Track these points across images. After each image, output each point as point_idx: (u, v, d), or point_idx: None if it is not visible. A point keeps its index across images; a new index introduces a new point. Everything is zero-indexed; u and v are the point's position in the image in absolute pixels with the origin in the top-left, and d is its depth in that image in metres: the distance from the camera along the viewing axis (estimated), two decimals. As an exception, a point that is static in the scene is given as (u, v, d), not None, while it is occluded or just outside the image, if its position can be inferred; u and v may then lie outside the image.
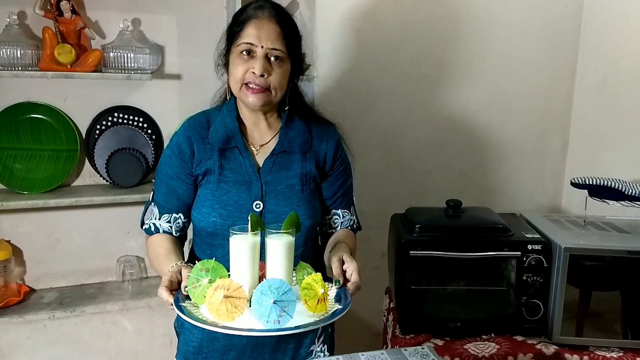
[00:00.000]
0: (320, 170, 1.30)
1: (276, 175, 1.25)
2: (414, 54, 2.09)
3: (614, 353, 1.51)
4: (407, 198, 2.13)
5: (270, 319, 0.98)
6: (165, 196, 1.27)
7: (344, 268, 1.14)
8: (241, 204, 1.22)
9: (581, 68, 2.26)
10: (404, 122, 2.13)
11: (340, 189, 1.35)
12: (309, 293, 1.03)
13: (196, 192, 1.26)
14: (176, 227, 1.28)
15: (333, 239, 1.34)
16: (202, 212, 1.24)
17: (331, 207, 1.36)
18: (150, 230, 1.28)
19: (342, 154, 1.35)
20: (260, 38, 1.17)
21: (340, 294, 1.11)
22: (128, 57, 1.80)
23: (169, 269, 1.12)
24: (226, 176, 1.23)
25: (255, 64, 1.17)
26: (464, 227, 1.60)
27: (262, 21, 1.19)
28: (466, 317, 1.59)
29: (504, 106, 2.25)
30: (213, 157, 1.23)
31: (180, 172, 1.25)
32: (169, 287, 1.08)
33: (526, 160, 2.32)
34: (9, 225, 1.87)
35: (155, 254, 1.25)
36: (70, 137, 1.87)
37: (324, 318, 1.04)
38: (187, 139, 1.25)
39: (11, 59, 1.70)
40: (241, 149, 1.25)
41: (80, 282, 1.98)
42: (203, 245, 1.29)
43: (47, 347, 1.77)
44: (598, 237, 1.59)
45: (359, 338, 2.17)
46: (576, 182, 1.68)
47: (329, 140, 1.31)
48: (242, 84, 1.20)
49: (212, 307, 1.00)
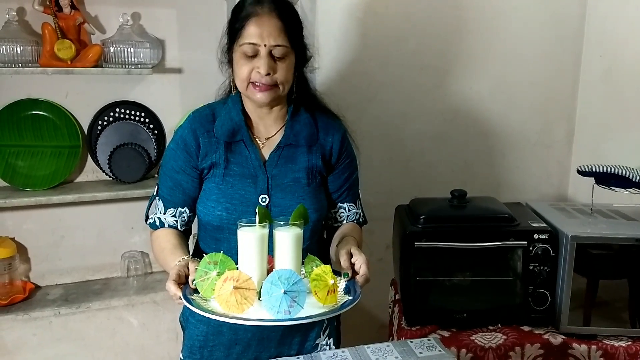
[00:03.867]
0: (326, 164, 1.29)
1: (282, 169, 1.24)
2: (416, 45, 2.07)
3: (622, 342, 1.50)
4: (411, 190, 2.11)
5: (281, 309, 0.98)
6: (171, 190, 1.26)
7: (353, 261, 1.14)
8: (247, 198, 1.21)
9: (586, 57, 2.23)
10: (407, 114, 2.11)
11: (346, 182, 1.34)
12: (319, 284, 1.02)
13: (201, 186, 1.26)
14: (181, 221, 1.27)
15: (339, 232, 1.33)
16: (207, 206, 1.23)
17: (337, 201, 1.35)
18: (155, 224, 1.28)
19: (348, 147, 1.34)
20: (263, 37, 1.16)
21: (349, 286, 1.10)
22: (128, 52, 1.79)
23: (176, 263, 1.12)
24: (232, 170, 1.23)
25: (260, 63, 1.16)
26: (469, 217, 1.58)
27: (263, 18, 1.17)
28: (472, 308, 1.58)
29: (509, 96, 2.23)
30: (219, 151, 1.23)
31: (186, 165, 1.24)
32: (177, 280, 1.07)
33: (531, 150, 2.30)
34: (13, 222, 1.87)
35: (161, 249, 1.25)
36: (72, 133, 1.87)
37: (335, 309, 1.03)
38: (193, 132, 1.24)
39: (11, 55, 1.70)
40: (247, 143, 1.24)
41: (85, 278, 1.98)
42: (208, 239, 1.28)
43: (53, 344, 1.78)
44: (605, 225, 1.57)
45: (365, 330, 2.16)
46: (582, 169, 1.66)
47: (335, 133, 1.31)
48: (248, 82, 1.19)
49: (221, 298, 0.99)
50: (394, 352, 1.21)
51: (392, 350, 1.21)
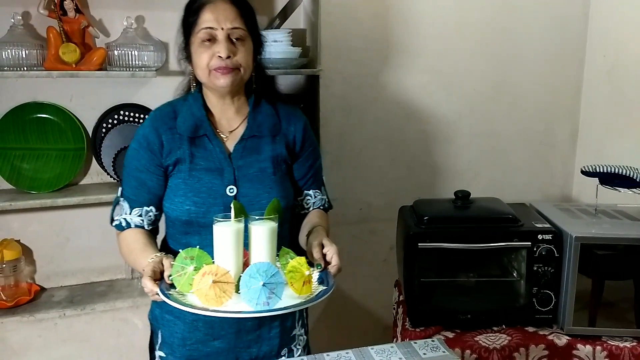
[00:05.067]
0: (290, 152, 1.31)
1: (247, 160, 1.26)
2: (418, 46, 2.07)
3: (627, 342, 1.50)
4: (414, 191, 2.11)
5: (260, 301, 1.00)
6: (135, 190, 1.26)
7: (324, 252, 1.16)
8: (214, 190, 1.22)
9: (589, 57, 2.23)
10: (410, 115, 2.11)
11: (311, 169, 1.36)
12: (295, 275, 1.05)
13: (166, 184, 1.26)
14: (148, 220, 1.28)
15: (307, 221, 1.34)
16: (175, 202, 1.24)
17: (303, 188, 1.37)
18: (121, 225, 1.27)
19: (310, 135, 1.36)
20: (219, 20, 1.18)
21: (322, 277, 1.13)
22: (132, 55, 1.79)
23: (150, 260, 1.12)
24: (197, 164, 1.24)
25: (219, 47, 1.18)
26: (473, 218, 1.58)
27: (216, 4, 1.19)
28: (476, 309, 1.58)
29: (512, 97, 2.22)
30: (183, 147, 1.24)
31: (150, 164, 1.25)
32: (152, 277, 1.08)
33: (535, 150, 2.30)
34: (18, 225, 1.88)
35: (130, 250, 1.25)
36: (77, 136, 1.87)
37: (311, 298, 1.06)
38: (155, 130, 1.25)
39: (16, 59, 1.70)
40: (210, 137, 1.25)
41: (90, 280, 1.99)
42: (177, 235, 1.28)
43: (58, 345, 1.78)
44: (610, 225, 1.57)
45: (369, 332, 2.17)
46: (587, 170, 1.66)
47: (297, 122, 1.33)
48: (209, 70, 1.20)
49: (200, 292, 1.01)
50: (398, 353, 1.21)
51: (395, 352, 1.22)
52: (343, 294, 2.18)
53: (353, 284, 2.17)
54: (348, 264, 2.16)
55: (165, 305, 1.26)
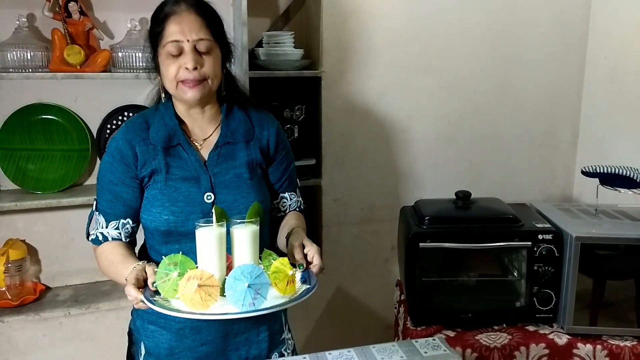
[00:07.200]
0: (265, 156, 1.32)
1: (223, 166, 1.26)
2: (420, 47, 2.08)
3: (627, 342, 1.51)
4: (416, 191, 2.13)
5: (246, 302, 1.01)
6: (111, 203, 1.25)
7: (305, 252, 1.16)
8: (192, 198, 1.22)
9: (591, 58, 2.24)
10: (412, 116, 2.13)
11: (285, 172, 1.37)
12: (279, 276, 1.06)
13: (142, 195, 1.25)
14: (125, 233, 1.26)
15: (285, 222, 1.35)
16: (152, 213, 1.23)
17: (279, 191, 1.37)
18: (98, 240, 1.26)
19: (284, 139, 1.37)
20: (184, 32, 1.17)
21: (305, 276, 1.14)
22: (136, 57, 1.81)
23: (132, 269, 1.11)
24: (173, 174, 1.23)
25: (186, 59, 1.17)
26: (474, 218, 1.60)
27: (182, 15, 1.18)
28: (477, 308, 1.59)
29: (513, 97, 2.23)
30: (158, 157, 1.23)
31: (125, 176, 1.23)
32: (136, 285, 1.07)
33: (536, 151, 2.30)
34: (23, 225, 1.89)
35: (109, 262, 1.23)
36: (82, 137, 1.89)
37: (296, 297, 1.07)
38: (128, 142, 1.23)
39: (21, 61, 1.72)
40: (184, 146, 1.25)
41: (95, 279, 2.00)
42: (157, 245, 1.27)
43: (64, 344, 1.80)
44: (610, 225, 1.58)
45: (371, 331, 2.18)
46: (587, 170, 1.67)
47: (269, 127, 1.33)
48: (177, 82, 1.20)
49: (186, 297, 1.01)
50: (399, 351, 1.22)
51: (397, 350, 1.23)
52: (345, 294, 2.19)
53: (355, 283, 2.18)
54: (350, 264, 2.19)
55: (148, 316, 1.27)
